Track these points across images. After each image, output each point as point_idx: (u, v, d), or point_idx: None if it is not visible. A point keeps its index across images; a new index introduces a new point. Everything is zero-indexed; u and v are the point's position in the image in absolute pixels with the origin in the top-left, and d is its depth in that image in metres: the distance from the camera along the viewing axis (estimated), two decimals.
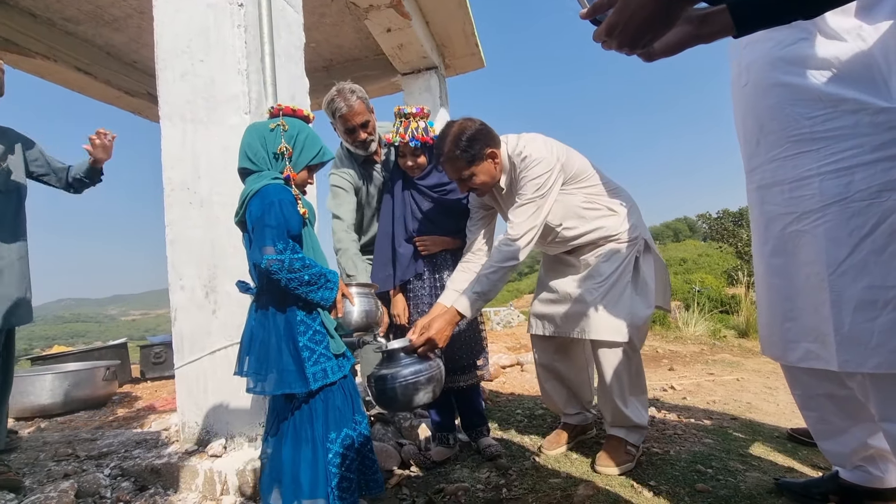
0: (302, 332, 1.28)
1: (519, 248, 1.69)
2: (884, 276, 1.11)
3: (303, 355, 1.26)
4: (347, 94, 1.94)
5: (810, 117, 1.22)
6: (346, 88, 1.95)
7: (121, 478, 1.70)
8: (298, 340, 1.27)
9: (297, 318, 1.29)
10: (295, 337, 1.27)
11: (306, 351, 1.27)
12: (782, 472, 1.70)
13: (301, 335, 1.27)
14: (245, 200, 1.32)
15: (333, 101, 1.95)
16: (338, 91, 1.95)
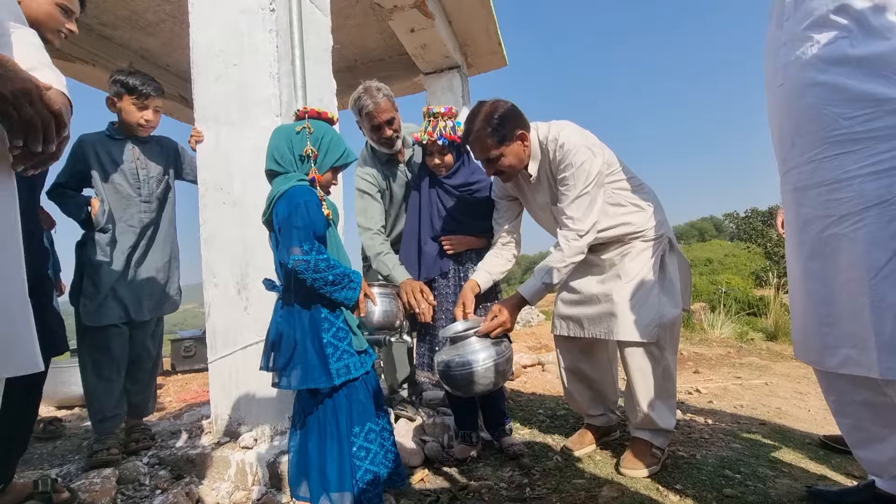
0: (326, 329, 1.31)
1: (587, 241, 1.71)
2: None
3: (327, 351, 1.30)
4: (374, 92, 1.98)
5: (849, 117, 1.19)
6: (372, 86, 1.99)
7: (158, 466, 1.77)
8: (322, 337, 1.30)
9: (321, 315, 1.32)
10: (319, 334, 1.30)
11: (330, 347, 1.30)
12: (814, 480, 1.66)
13: (325, 332, 1.31)
14: (272, 201, 1.36)
15: (360, 99, 1.99)
16: (364, 89, 1.99)
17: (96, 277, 1.94)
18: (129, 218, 2.03)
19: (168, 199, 2.21)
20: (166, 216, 2.19)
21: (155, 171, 2.13)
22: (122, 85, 2.00)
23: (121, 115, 2.05)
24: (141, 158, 2.10)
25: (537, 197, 1.86)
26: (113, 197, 2.01)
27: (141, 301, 2.05)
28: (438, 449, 1.98)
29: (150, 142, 2.15)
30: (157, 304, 2.13)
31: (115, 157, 2.03)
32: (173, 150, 2.25)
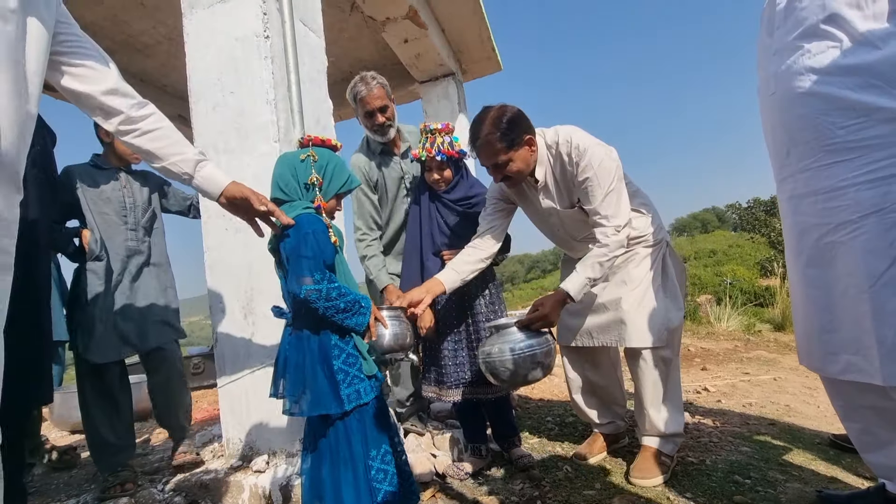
0: (336, 356, 1.32)
1: (626, 233, 1.71)
2: None
3: (337, 378, 1.30)
4: (368, 80, 2.09)
5: (843, 126, 1.20)
6: (367, 75, 2.11)
7: (173, 493, 1.79)
8: (333, 364, 1.31)
9: (331, 342, 1.33)
10: (329, 361, 1.31)
11: (341, 374, 1.31)
12: (825, 483, 1.66)
13: (335, 359, 1.32)
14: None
15: (355, 86, 2.10)
16: (360, 77, 2.10)
17: (93, 309, 1.93)
18: (117, 247, 2.04)
19: (155, 227, 2.21)
20: (155, 246, 2.19)
21: (140, 199, 2.15)
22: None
23: (113, 145, 2.07)
24: (128, 187, 2.11)
25: (542, 202, 1.87)
26: (100, 226, 2.01)
27: (144, 330, 2.05)
28: (449, 463, 1.99)
29: (135, 172, 2.17)
30: (159, 332, 2.11)
31: (102, 187, 2.04)
32: (158, 181, 2.27)
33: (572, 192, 1.80)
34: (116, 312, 1.98)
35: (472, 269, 1.86)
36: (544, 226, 2.01)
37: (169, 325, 2.14)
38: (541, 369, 1.57)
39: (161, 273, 2.19)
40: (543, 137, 1.80)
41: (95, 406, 1.95)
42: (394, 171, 2.26)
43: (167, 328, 2.13)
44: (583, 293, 1.70)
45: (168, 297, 2.18)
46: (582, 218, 1.84)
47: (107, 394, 1.99)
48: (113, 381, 2.01)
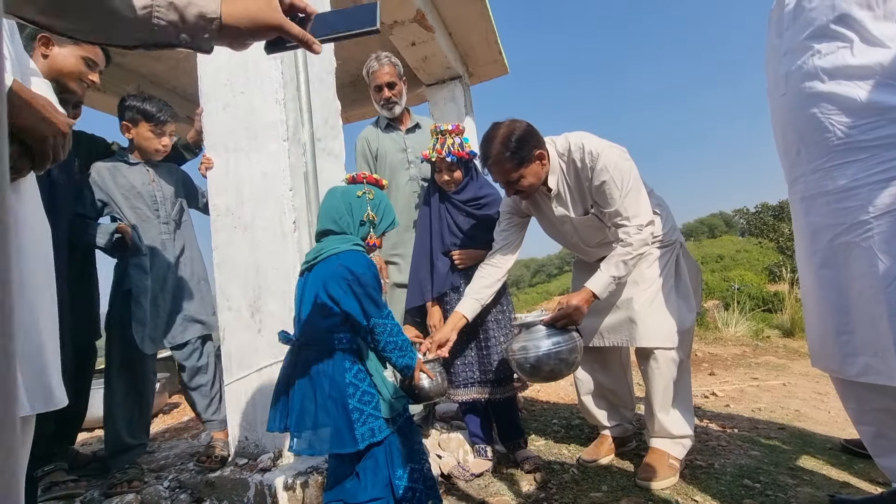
0: (351, 395, 1.30)
1: (651, 231, 1.71)
2: None
3: (352, 417, 1.28)
4: (381, 57, 2.34)
5: (854, 126, 1.19)
6: (382, 54, 2.36)
7: (179, 490, 1.80)
8: (348, 403, 1.29)
9: (345, 379, 1.31)
10: (344, 399, 1.29)
11: (356, 412, 1.29)
12: (836, 488, 1.64)
13: (350, 397, 1.29)
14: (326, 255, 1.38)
15: (369, 62, 2.35)
16: (375, 55, 2.36)
17: (145, 302, 1.97)
18: (151, 241, 2.07)
19: (184, 221, 2.25)
20: (186, 239, 2.22)
21: (169, 192, 2.18)
22: (138, 111, 2.04)
23: (136, 141, 2.10)
24: (156, 181, 2.14)
25: (556, 210, 1.87)
26: (135, 221, 2.05)
27: (179, 323, 2.09)
28: (454, 464, 1.98)
29: (160, 164, 2.20)
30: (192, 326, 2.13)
31: (133, 182, 2.07)
32: (182, 175, 2.30)
33: (586, 199, 1.80)
34: (159, 305, 2.03)
35: (492, 293, 1.90)
36: (557, 234, 2.01)
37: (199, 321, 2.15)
38: (566, 366, 1.61)
39: (194, 266, 2.22)
40: (554, 146, 1.81)
41: (122, 404, 1.97)
42: (395, 142, 2.40)
43: (197, 323, 2.15)
44: (608, 291, 1.71)
45: (202, 289, 2.21)
46: (595, 224, 1.84)
47: (135, 389, 2.02)
48: (146, 374, 2.06)
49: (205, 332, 2.16)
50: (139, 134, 2.07)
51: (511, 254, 1.93)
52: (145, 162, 2.14)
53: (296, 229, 1.80)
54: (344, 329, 1.36)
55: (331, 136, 2.10)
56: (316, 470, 1.66)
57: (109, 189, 2.03)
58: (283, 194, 1.82)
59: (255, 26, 0.72)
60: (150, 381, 2.07)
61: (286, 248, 1.80)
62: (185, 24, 0.68)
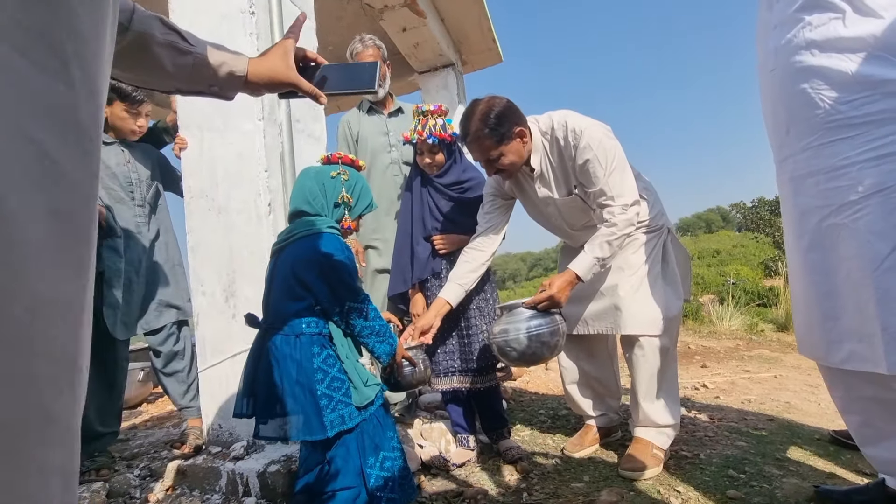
0: (320, 381, 1.26)
1: (636, 210, 1.66)
2: None
3: (321, 403, 1.24)
4: (366, 39, 2.29)
5: (846, 102, 1.14)
6: (366, 36, 2.31)
7: (150, 478, 1.75)
8: (316, 389, 1.25)
9: (313, 365, 1.27)
10: (312, 386, 1.25)
11: (325, 399, 1.25)
12: (822, 478, 1.60)
13: (319, 383, 1.25)
14: (297, 237, 1.34)
15: (353, 44, 2.30)
16: (359, 37, 2.31)
17: (118, 285, 1.92)
18: (126, 223, 2.01)
19: (159, 204, 2.19)
20: (162, 222, 2.16)
21: (144, 175, 2.12)
22: (113, 90, 1.98)
23: (110, 121, 2.03)
24: (131, 162, 2.08)
25: (539, 191, 1.82)
26: (109, 203, 1.98)
27: (153, 309, 2.04)
28: (436, 454, 1.94)
29: (135, 145, 2.13)
30: (167, 311, 2.09)
31: (107, 162, 2.00)
32: (156, 156, 2.24)
33: (570, 179, 1.75)
34: (133, 290, 1.98)
35: (476, 277, 1.85)
36: (541, 216, 1.96)
37: (174, 307, 2.11)
38: (548, 349, 1.57)
39: (169, 250, 2.17)
40: (537, 124, 1.75)
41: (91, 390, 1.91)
42: (377, 125, 2.36)
43: (173, 308, 2.11)
44: (591, 273, 1.66)
45: (177, 274, 2.16)
46: (579, 206, 1.78)
47: (105, 375, 1.96)
48: (117, 360, 2.01)
49: (180, 318, 2.11)
50: (114, 114, 2.01)
51: (495, 237, 1.88)
52: (120, 142, 2.07)
53: (271, 212, 1.75)
54: (313, 313, 1.31)
55: (311, 118, 2.03)
56: (290, 458, 1.62)
57: None
58: (257, 175, 1.76)
59: (273, 83, 0.84)
60: (121, 368, 2.02)
61: (261, 231, 1.75)
62: (217, 80, 0.80)
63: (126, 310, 1.94)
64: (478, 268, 1.83)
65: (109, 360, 1.96)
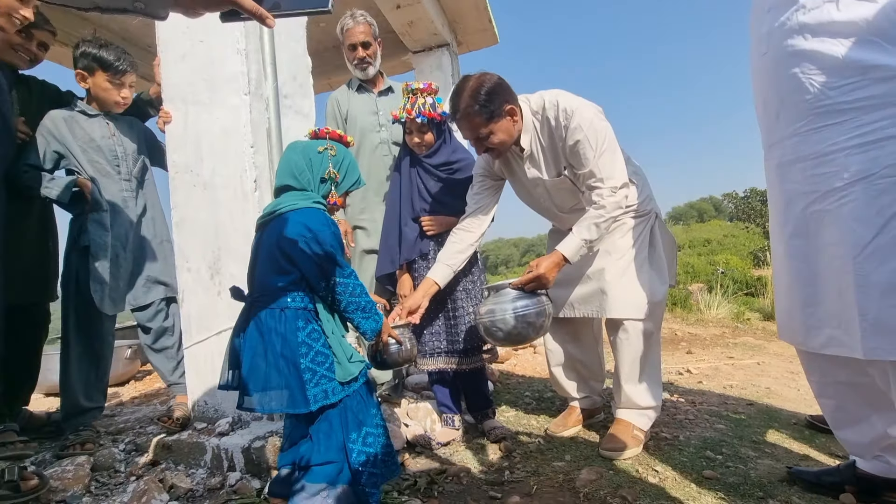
0: (304, 354, 1.26)
1: (624, 193, 1.65)
2: None
3: (304, 377, 1.24)
4: (357, 15, 2.23)
5: (835, 87, 1.13)
6: (357, 12, 2.25)
7: (135, 453, 1.76)
8: (300, 363, 1.25)
9: (297, 339, 1.26)
10: (296, 359, 1.25)
11: (308, 372, 1.25)
12: (796, 460, 1.64)
13: (303, 357, 1.26)
14: (283, 212, 1.32)
15: (344, 20, 2.24)
16: (350, 13, 2.24)
17: (105, 260, 1.89)
18: (112, 197, 1.97)
19: (146, 180, 2.14)
20: (149, 198, 2.12)
21: (130, 148, 2.07)
22: (94, 59, 1.91)
23: (93, 92, 1.97)
24: (116, 135, 2.03)
25: (528, 172, 1.80)
26: (94, 176, 1.93)
27: (141, 285, 2.02)
28: (421, 433, 1.96)
29: (120, 118, 2.08)
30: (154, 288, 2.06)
31: (91, 135, 1.95)
32: (145, 131, 2.18)
33: (559, 160, 1.73)
34: (120, 265, 1.95)
35: (464, 258, 1.84)
36: (530, 197, 1.95)
37: (163, 283, 2.09)
38: (533, 329, 1.58)
39: (156, 226, 2.13)
40: (528, 104, 1.73)
41: (78, 365, 1.91)
42: (367, 104, 2.32)
43: (161, 285, 2.08)
44: (579, 255, 1.66)
45: (165, 251, 2.12)
46: (568, 187, 1.78)
47: (92, 350, 1.95)
48: (104, 336, 1.99)
49: (169, 295, 2.09)
50: (96, 84, 1.95)
51: (484, 218, 1.87)
52: (105, 114, 2.02)
53: (257, 188, 1.73)
54: (298, 287, 1.31)
55: (300, 94, 1.99)
56: (274, 433, 1.63)
57: (66, 140, 1.91)
58: (243, 151, 1.73)
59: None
60: (108, 343, 2.01)
61: (247, 207, 1.72)
62: None
63: (114, 285, 1.92)
64: (466, 248, 1.83)
65: (96, 335, 1.95)
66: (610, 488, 1.47)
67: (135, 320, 2.10)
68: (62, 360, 1.91)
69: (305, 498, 1.28)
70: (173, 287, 2.07)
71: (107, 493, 1.53)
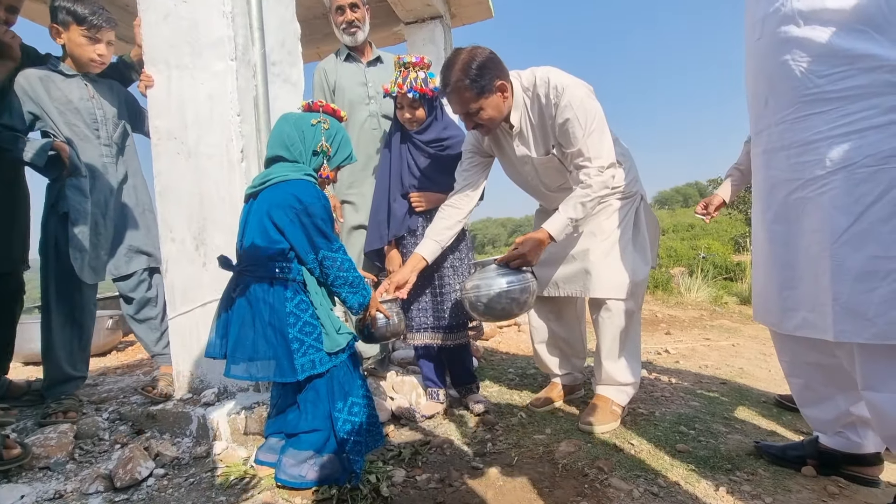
0: (292, 324, 1.27)
1: (611, 174, 1.65)
2: (887, 246, 1.07)
3: (292, 346, 1.26)
4: None
5: (824, 75, 1.14)
6: None
7: (119, 422, 1.76)
8: (288, 332, 1.26)
9: (285, 309, 1.28)
10: (284, 329, 1.26)
11: (296, 342, 1.27)
12: (764, 436, 1.73)
13: (291, 327, 1.27)
14: (274, 182, 1.31)
15: None
16: None
17: (85, 227, 1.83)
18: (91, 161, 1.90)
19: (127, 146, 2.07)
20: (130, 165, 2.06)
21: (111, 112, 1.99)
22: (68, 13, 1.81)
23: (68, 48, 1.88)
24: (95, 97, 1.94)
25: (517, 149, 1.80)
26: (72, 140, 1.86)
27: (122, 254, 1.98)
28: (406, 406, 2.00)
29: (100, 81, 1.99)
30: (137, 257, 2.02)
31: (68, 96, 1.86)
32: (126, 95, 2.10)
33: (548, 138, 1.73)
34: (100, 233, 1.90)
35: (452, 234, 1.85)
36: (517, 175, 1.95)
37: (145, 253, 2.04)
38: (517, 305, 1.60)
39: (139, 194, 2.07)
40: (519, 80, 1.71)
41: (60, 334, 1.88)
42: (355, 75, 2.26)
43: (143, 255, 2.04)
44: (564, 234, 1.67)
45: (147, 220, 2.07)
46: (556, 166, 1.78)
47: (73, 319, 1.92)
48: (85, 304, 1.96)
49: (151, 265, 2.06)
50: (71, 39, 1.85)
51: (472, 194, 1.87)
52: (84, 76, 1.93)
53: (243, 158, 1.69)
54: (287, 258, 1.31)
55: (288, 62, 1.94)
56: (260, 404, 1.65)
57: (41, 100, 1.82)
58: (230, 119, 1.69)
59: None
60: (89, 312, 1.97)
61: (233, 177, 1.69)
62: None
63: (94, 254, 1.87)
64: (454, 225, 1.84)
65: (77, 303, 1.92)
66: (587, 460, 1.53)
67: (116, 290, 2.07)
68: (43, 329, 1.87)
69: (293, 465, 1.30)
70: (156, 257, 2.04)
71: (91, 461, 1.54)
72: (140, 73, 2.11)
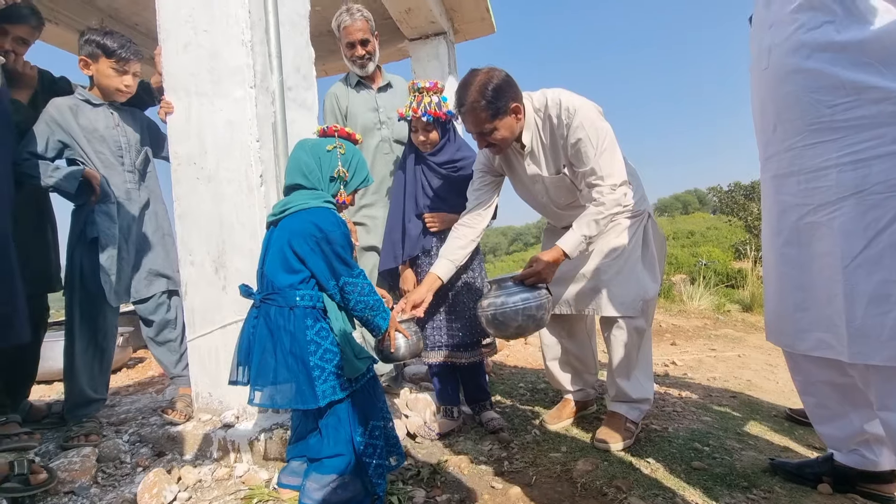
0: (313, 352, 1.29)
1: (623, 191, 1.67)
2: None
3: (313, 374, 1.27)
4: (353, 11, 2.17)
5: (831, 105, 1.18)
6: (353, 6, 2.19)
7: (139, 444, 1.78)
8: (309, 360, 1.28)
9: (306, 337, 1.29)
10: (305, 356, 1.28)
11: (317, 370, 1.28)
12: (777, 452, 1.75)
13: (312, 354, 1.28)
14: (294, 210, 1.34)
15: (340, 16, 2.18)
16: (346, 7, 2.18)
17: (114, 252, 1.87)
18: (116, 189, 1.94)
19: (148, 172, 2.12)
20: (152, 190, 2.11)
21: (134, 139, 2.04)
22: (98, 46, 1.87)
23: (96, 79, 1.93)
24: (120, 125, 1.99)
25: (528, 168, 1.83)
26: (98, 167, 1.90)
27: (142, 277, 2.01)
28: (420, 424, 2.02)
29: (124, 109, 2.04)
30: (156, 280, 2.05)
31: (95, 124, 1.92)
32: (146, 121, 2.15)
33: (559, 158, 1.77)
34: (123, 258, 1.94)
35: (466, 253, 1.88)
36: (528, 194, 1.99)
37: (164, 276, 2.08)
38: (534, 322, 1.61)
39: (159, 219, 2.11)
40: (531, 101, 1.75)
41: (83, 357, 1.90)
42: (367, 101, 2.29)
43: (163, 278, 2.07)
44: (578, 251, 1.69)
45: (167, 244, 2.11)
46: (566, 185, 1.82)
47: (96, 342, 1.95)
48: (108, 328, 1.98)
49: (170, 287, 2.09)
50: (99, 71, 1.91)
51: (485, 213, 1.90)
52: (109, 104, 1.98)
53: (263, 183, 1.72)
54: (308, 286, 1.33)
55: (303, 87, 1.98)
56: (280, 426, 1.66)
57: (71, 129, 1.86)
58: (249, 145, 1.72)
59: None
60: (111, 335, 2.00)
61: (252, 202, 1.73)
62: None
63: (117, 277, 1.91)
64: (468, 244, 1.87)
65: (102, 327, 1.94)
66: (605, 479, 1.54)
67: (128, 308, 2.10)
68: (66, 352, 1.90)
69: (316, 489, 1.32)
70: (175, 280, 2.06)
71: (114, 484, 1.55)
72: (153, 97, 2.15)
